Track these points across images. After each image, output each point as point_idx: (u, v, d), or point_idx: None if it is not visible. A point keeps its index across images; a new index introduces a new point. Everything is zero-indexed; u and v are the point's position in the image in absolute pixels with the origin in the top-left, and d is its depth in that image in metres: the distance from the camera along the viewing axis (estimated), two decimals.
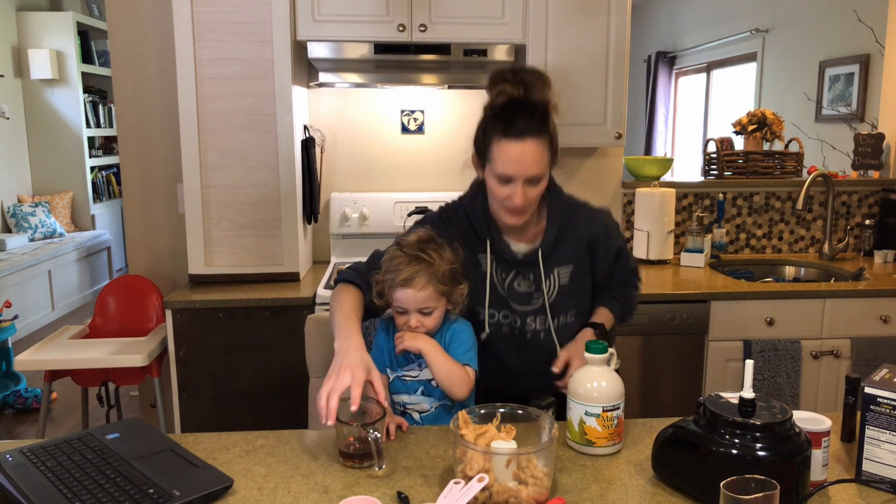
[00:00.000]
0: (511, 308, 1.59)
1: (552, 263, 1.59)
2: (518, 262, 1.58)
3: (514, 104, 1.45)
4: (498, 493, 1.07)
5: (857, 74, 4.21)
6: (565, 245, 1.60)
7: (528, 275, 1.59)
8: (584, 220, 1.63)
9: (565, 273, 1.60)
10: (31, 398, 3.75)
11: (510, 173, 1.44)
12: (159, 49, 2.74)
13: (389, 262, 1.48)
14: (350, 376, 1.26)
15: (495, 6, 2.54)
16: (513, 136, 1.42)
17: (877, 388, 1.14)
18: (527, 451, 1.10)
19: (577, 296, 1.62)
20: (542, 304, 1.59)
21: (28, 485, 1.13)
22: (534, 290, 1.59)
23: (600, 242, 1.63)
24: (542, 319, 1.60)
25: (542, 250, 1.58)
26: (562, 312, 1.60)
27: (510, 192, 1.46)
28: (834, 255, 3.04)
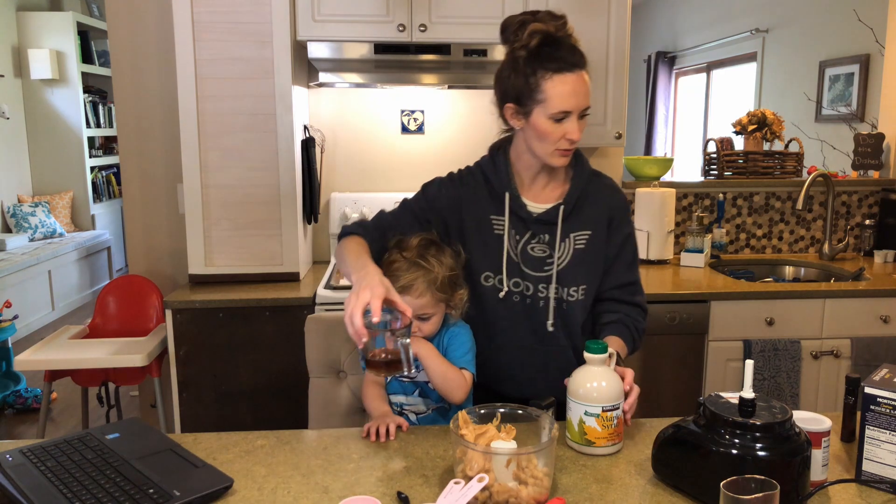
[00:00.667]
0: (523, 273, 1.53)
1: (571, 225, 1.53)
2: (535, 220, 1.52)
3: (554, 39, 1.42)
4: (498, 493, 1.07)
5: (857, 74, 4.21)
6: (587, 209, 1.54)
7: (543, 236, 1.53)
8: (608, 189, 1.58)
9: (582, 239, 1.53)
10: (31, 398, 3.75)
11: (568, 107, 1.41)
12: (159, 49, 2.74)
13: (388, 267, 1.47)
14: (369, 293, 1.23)
15: (495, 6, 2.54)
16: (566, 70, 1.40)
17: (877, 388, 1.14)
18: (527, 451, 1.10)
19: (589, 267, 1.54)
20: (552, 271, 1.52)
21: (28, 485, 1.13)
22: (547, 255, 1.53)
23: (616, 220, 1.57)
24: (555, 288, 1.53)
25: (565, 207, 1.52)
26: (571, 284, 1.52)
27: (566, 129, 1.42)
28: (834, 255, 3.04)
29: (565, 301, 1.53)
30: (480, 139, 2.99)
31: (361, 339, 1.22)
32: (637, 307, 1.60)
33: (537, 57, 1.41)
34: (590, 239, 1.54)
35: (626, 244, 1.59)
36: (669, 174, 3.24)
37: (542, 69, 1.41)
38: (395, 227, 1.57)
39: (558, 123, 1.42)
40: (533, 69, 1.41)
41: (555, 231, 1.52)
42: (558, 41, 1.42)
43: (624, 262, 1.59)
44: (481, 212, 1.54)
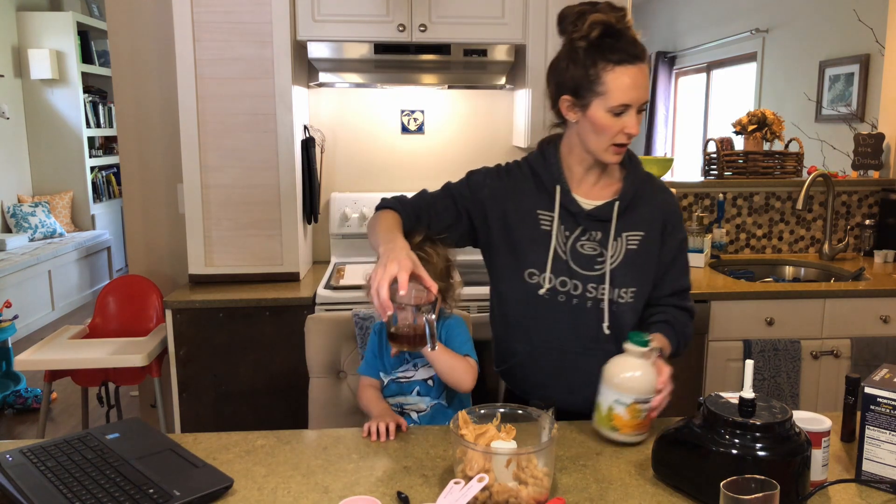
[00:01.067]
0: (571, 271, 1.47)
1: (624, 224, 1.48)
2: (587, 216, 1.47)
3: (616, 31, 1.38)
4: (498, 493, 1.07)
5: (857, 74, 4.21)
6: (641, 209, 1.50)
7: (595, 233, 1.48)
8: (662, 192, 1.54)
9: (635, 239, 1.48)
10: (31, 398, 3.75)
11: (629, 100, 1.37)
12: (159, 49, 2.74)
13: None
14: (396, 265, 1.22)
15: (495, 6, 2.54)
16: (628, 62, 1.36)
17: (877, 388, 1.14)
18: (527, 452, 1.10)
19: (640, 269, 1.49)
20: (604, 270, 1.47)
21: (28, 485, 1.13)
22: (598, 253, 1.47)
23: (671, 224, 1.52)
24: (603, 289, 1.46)
25: (620, 203, 1.47)
26: (622, 285, 1.46)
27: (625, 123, 1.39)
28: (834, 255, 3.04)
29: (615, 303, 1.46)
30: (480, 139, 2.99)
31: (387, 312, 1.20)
32: (686, 312, 1.56)
33: (598, 48, 1.37)
34: (642, 240, 1.49)
35: (682, 250, 1.56)
36: (669, 174, 3.24)
37: (603, 61, 1.36)
38: (433, 208, 1.54)
39: (617, 117, 1.38)
40: (593, 60, 1.37)
41: (607, 228, 1.47)
42: (620, 32, 1.38)
43: (679, 268, 1.55)
44: (528, 205, 1.50)
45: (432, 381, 1.52)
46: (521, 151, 2.96)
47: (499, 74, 2.69)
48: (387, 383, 1.55)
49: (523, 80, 2.67)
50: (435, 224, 1.53)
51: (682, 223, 1.55)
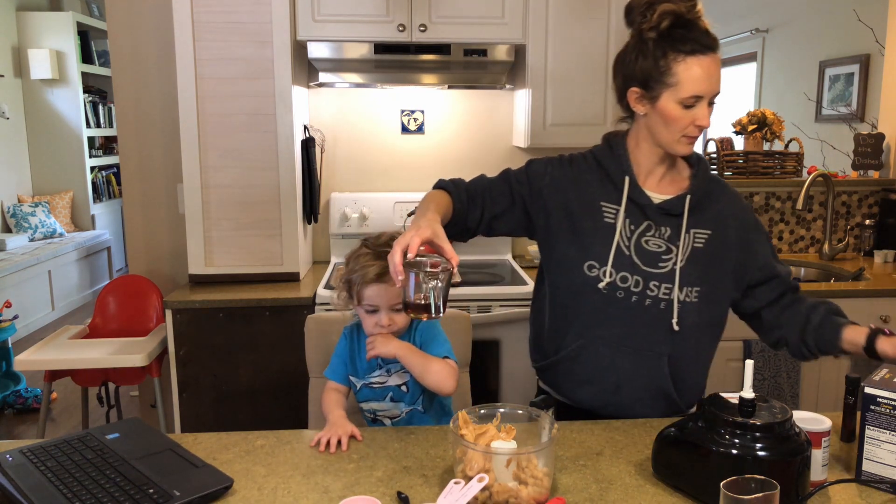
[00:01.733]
0: (634, 267, 1.42)
1: (693, 221, 1.44)
2: (655, 209, 1.43)
3: (686, 21, 1.34)
4: (498, 493, 1.07)
5: (857, 74, 4.21)
6: (710, 207, 1.46)
7: (663, 229, 1.43)
8: (730, 193, 1.50)
9: (702, 237, 1.43)
10: (31, 398, 3.75)
11: (701, 91, 1.34)
12: (159, 49, 2.74)
13: (356, 261, 1.45)
14: (414, 232, 1.21)
15: (495, 6, 2.53)
16: (700, 52, 1.33)
17: (877, 388, 1.14)
18: (527, 452, 1.10)
19: (706, 269, 1.43)
20: (671, 267, 1.41)
21: (28, 485, 1.13)
22: (665, 250, 1.43)
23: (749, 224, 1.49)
24: (667, 287, 1.41)
25: (692, 198, 1.43)
26: (689, 284, 1.42)
27: (696, 115, 1.36)
28: (834, 255, 3.04)
29: (682, 302, 1.42)
30: (480, 139, 2.99)
31: (398, 278, 1.19)
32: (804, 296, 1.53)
33: (669, 39, 1.34)
34: (709, 239, 1.44)
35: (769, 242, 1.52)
36: None
37: (673, 51, 1.33)
38: (488, 193, 1.52)
39: (688, 109, 1.35)
40: (664, 51, 1.34)
41: (676, 223, 1.43)
42: (690, 23, 1.35)
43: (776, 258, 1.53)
44: (591, 196, 1.46)
45: (406, 387, 1.49)
46: (521, 151, 2.96)
47: (499, 74, 2.69)
48: (359, 388, 1.52)
49: (523, 80, 2.67)
50: (489, 208, 1.50)
51: (759, 221, 1.53)
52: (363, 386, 1.51)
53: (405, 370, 1.48)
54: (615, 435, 1.37)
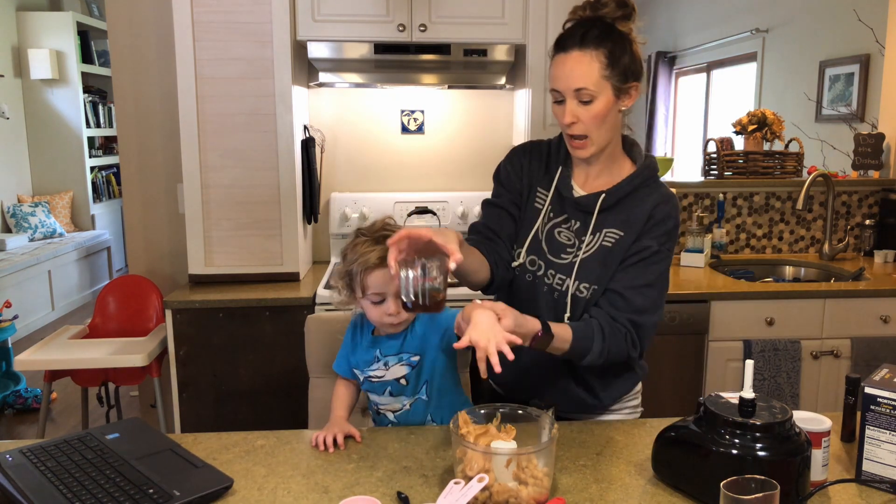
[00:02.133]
0: (541, 253, 1.48)
1: (608, 220, 1.45)
2: (572, 203, 1.47)
3: (573, 22, 1.40)
4: (498, 493, 1.07)
5: (857, 74, 4.21)
6: (629, 210, 1.45)
7: (574, 222, 1.47)
8: (659, 199, 1.45)
9: (612, 237, 1.44)
10: (31, 398, 3.75)
11: (558, 87, 1.37)
12: (159, 49, 2.74)
13: (354, 250, 1.42)
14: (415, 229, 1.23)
15: (495, 6, 2.53)
16: (559, 50, 1.38)
17: (877, 388, 1.14)
18: (527, 452, 1.10)
19: (606, 270, 1.44)
20: (571, 259, 1.45)
21: (28, 485, 1.13)
22: (571, 243, 1.46)
23: (646, 229, 1.44)
24: (561, 278, 1.45)
25: (606, 198, 1.44)
26: (584, 279, 1.44)
27: (562, 112, 1.38)
28: (834, 255, 3.04)
29: (575, 296, 1.44)
30: (480, 139, 2.99)
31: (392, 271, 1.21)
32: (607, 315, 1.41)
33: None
34: (619, 240, 1.44)
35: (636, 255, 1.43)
36: (669, 174, 3.24)
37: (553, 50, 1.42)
38: (490, 224, 1.53)
39: (558, 105, 1.40)
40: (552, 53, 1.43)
41: (590, 219, 1.46)
42: (575, 23, 1.40)
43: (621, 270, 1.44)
44: (532, 180, 1.52)
45: (405, 380, 1.47)
46: None
47: (499, 74, 2.69)
48: (362, 381, 1.51)
49: (523, 79, 2.67)
50: (505, 235, 1.52)
51: (661, 234, 1.43)
52: (365, 379, 1.51)
53: (405, 363, 1.46)
54: (615, 435, 1.37)
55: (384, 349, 1.47)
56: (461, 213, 2.89)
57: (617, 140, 1.47)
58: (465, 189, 2.99)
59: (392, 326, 1.44)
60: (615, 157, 1.49)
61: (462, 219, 2.90)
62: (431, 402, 1.50)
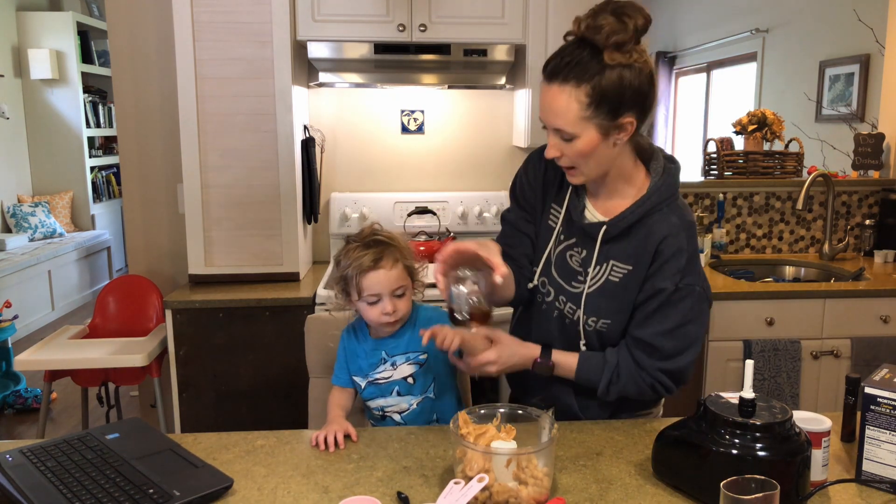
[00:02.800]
0: (551, 276, 1.42)
1: (612, 251, 1.35)
2: (580, 228, 1.38)
3: (565, 44, 1.26)
4: (498, 493, 1.07)
5: (857, 74, 4.21)
6: (638, 240, 1.34)
7: (580, 249, 1.39)
8: (668, 223, 1.33)
9: (619, 272, 1.35)
10: (31, 398, 3.75)
11: (541, 118, 1.29)
12: (159, 49, 2.74)
13: (347, 256, 1.44)
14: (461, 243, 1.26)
15: (495, 6, 2.53)
16: (543, 75, 1.26)
17: (877, 388, 1.14)
18: (527, 452, 1.10)
19: (619, 305, 1.36)
20: (580, 290, 1.38)
21: (28, 485, 1.13)
22: (580, 271, 1.39)
23: (656, 265, 1.32)
24: (571, 307, 1.39)
25: (609, 228, 1.34)
26: (596, 314, 1.37)
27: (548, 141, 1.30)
28: (834, 255, 3.04)
29: (589, 326, 1.39)
30: (480, 139, 2.99)
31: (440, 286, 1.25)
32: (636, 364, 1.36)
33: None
34: (627, 275, 1.35)
35: (653, 299, 1.34)
36: None
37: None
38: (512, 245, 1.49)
39: (545, 130, 1.32)
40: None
41: (593, 248, 1.37)
42: (564, 46, 1.27)
43: (642, 315, 1.35)
44: (548, 195, 1.45)
45: (413, 379, 1.49)
46: (521, 151, 2.96)
47: (499, 74, 2.69)
48: (364, 387, 1.52)
49: (523, 80, 2.67)
50: (518, 254, 1.50)
51: (674, 272, 1.32)
52: (367, 384, 1.51)
53: (411, 362, 1.48)
54: (615, 435, 1.37)
55: (389, 350, 1.49)
56: (461, 213, 2.89)
57: (624, 161, 1.35)
58: (465, 189, 2.99)
59: (389, 325, 1.46)
60: (626, 176, 1.36)
61: (462, 219, 2.90)
62: (438, 400, 1.51)
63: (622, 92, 1.22)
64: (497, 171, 3.00)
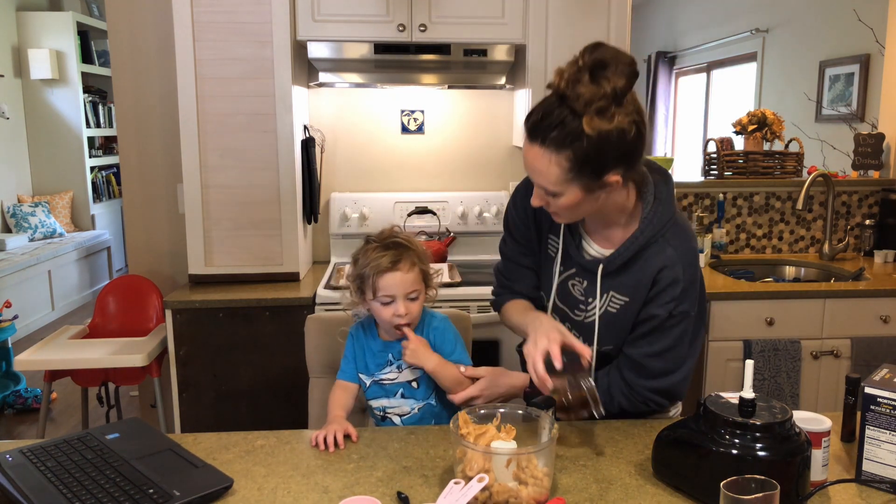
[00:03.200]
0: (555, 305, 1.45)
1: (613, 283, 1.37)
2: (579, 263, 1.40)
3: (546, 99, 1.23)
4: (498, 493, 1.08)
5: (857, 74, 4.21)
6: (635, 272, 1.34)
7: (583, 281, 1.40)
8: (664, 256, 1.32)
9: (617, 303, 1.37)
10: (31, 398, 3.75)
11: (527, 173, 1.29)
12: (159, 49, 2.74)
13: (365, 255, 1.46)
14: (546, 340, 1.24)
15: (495, 6, 2.53)
16: (525, 133, 1.24)
17: (877, 388, 1.14)
18: (527, 452, 1.10)
19: (616, 334, 1.39)
20: (586, 319, 1.41)
21: (28, 485, 1.13)
22: (583, 300, 1.41)
23: (654, 290, 1.33)
24: (575, 334, 1.40)
25: (606, 266, 1.35)
26: (600, 342, 1.40)
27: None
28: (834, 255, 3.04)
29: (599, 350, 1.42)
30: (480, 139, 2.99)
31: (547, 386, 1.23)
32: (624, 382, 1.38)
33: None
34: (624, 306, 1.36)
35: (646, 323, 1.35)
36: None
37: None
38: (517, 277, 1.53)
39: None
40: None
41: (593, 281, 1.37)
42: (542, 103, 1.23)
43: (634, 335, 1.37)
44: (543, 226, 1.45)
45: (417, 384, 1.50)
46: (520, 151, 2.96)
47: (499, 74, 2.69)
48: (369, 385, 1.53)
49: (523, 80, 2.67)
50: (520, 287, 1.52)
51: (668, 300, 1.32)
52: (373, 383, 1.52)
53: (417, 367, 1.49)
54: (615, 435, 1.37)
55: (396, 353, 1.50)
56: (461, 213, 2.89)
57: (616, 198, 1.31)
58: (465, 189, 2.99)
59: (400, 327, 1.47)
60: (620, 207, 1.34)
61: (462, 219, 2.90)
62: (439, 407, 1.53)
63: (604, 155, 1.18)
64: (497, 171, 3.00)
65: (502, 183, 2.98)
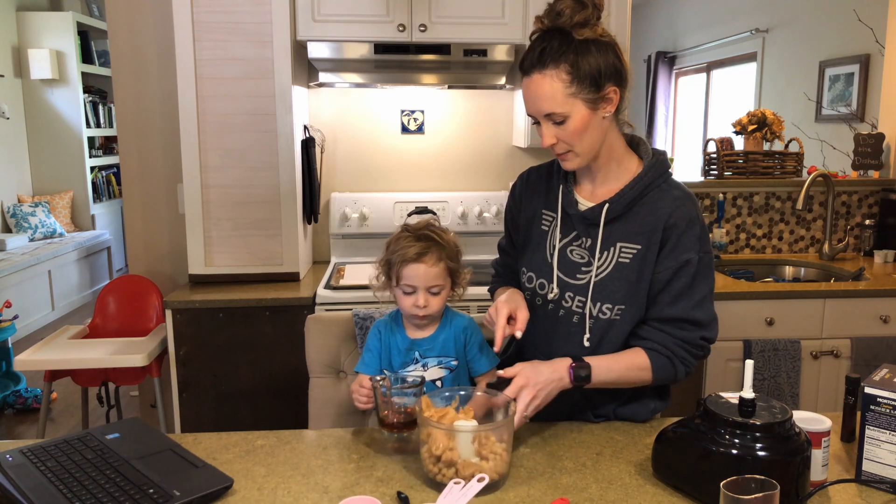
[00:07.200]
0: (553, 275, 1.41)
1: (617, 233, 1.36)
2: (579, 217, 1.39)
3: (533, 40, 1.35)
4: (463, 467, 1.14)
5: (857, 74, 4.21)
6: (643, 218, 1.35)
7: (585, 239, 1.39)
8: (674, 200, 1.35)
9: (629, 252, 1.35)
10: (31, 398, 3.75)
11: (530, 112, 1.34)
12: (159, 49, 2.74)
13: (396, 243, 1.48)
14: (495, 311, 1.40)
15: (495, 6, 2.53)
16: (522, 73, 1.33)
17: (877, 388, 1.14)
18: (485, 429, 1.18)
19: (631, 287, 1.35)
20: (587, 280, 1.38)
21: (28, 485, 1.13)
22: (585, 262, 1.39)
23: (673, 239, 1.34)
24: (580, 300, 1.38)
25: (611, 207, 1.35)
26: (606, 300, 1.36)
27: (541, 134, 1.34)
28: (834, 255, 3.04)
29: (597, 318, 1.38)
30: (480, 139, 2.99)
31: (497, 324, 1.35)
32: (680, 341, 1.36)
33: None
34: (637, 255, 1.35)
35: (683, 274, 1.34)
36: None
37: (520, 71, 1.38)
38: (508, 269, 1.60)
39: (538, 126, 1.35)
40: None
41: (597, 233, 1.37)
42: (531, 41, 1.36)
43: (670, 294, 1.35)
44: (535, 205, 1.49)
45: (441, 383, 1.51)
46: (520, 151, 2.96)
47: (499, 74, 2.69)
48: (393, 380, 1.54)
49: None
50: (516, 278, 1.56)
51: (694, 242, 1.34)
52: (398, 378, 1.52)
53: (443, 365, 1.50)
54: (615, 435, 1.37)
55: (423, 351, 1.51)
56: (461, 213, 2.89)
57: (614, 141, 1.38)
58: (464, 189, 2.99)
59: (419, 319, 1.48)
60: (618, 157, 1.40)
61: (462, 219, 2.89)
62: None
63: (598, 63, 1.30)
64: (497, 171, 3.00)
65: (502, 183, 2.98)
